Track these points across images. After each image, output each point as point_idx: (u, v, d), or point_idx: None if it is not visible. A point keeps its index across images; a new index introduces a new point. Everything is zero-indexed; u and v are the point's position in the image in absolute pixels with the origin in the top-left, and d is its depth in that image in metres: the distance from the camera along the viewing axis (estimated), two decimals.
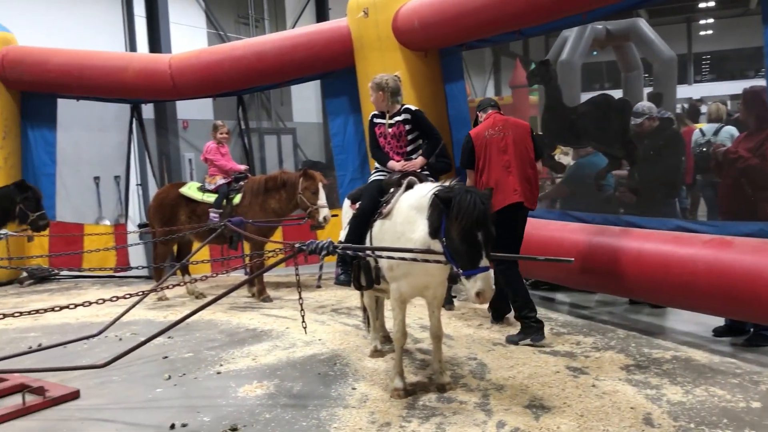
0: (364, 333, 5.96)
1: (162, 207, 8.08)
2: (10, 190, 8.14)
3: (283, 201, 7.72)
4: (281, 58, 9.00)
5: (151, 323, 6.92)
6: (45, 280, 9.98)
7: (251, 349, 5.83)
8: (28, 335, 6.73)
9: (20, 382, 5.01)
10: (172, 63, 9.36)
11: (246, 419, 4.23)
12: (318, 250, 4.34)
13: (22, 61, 9.66)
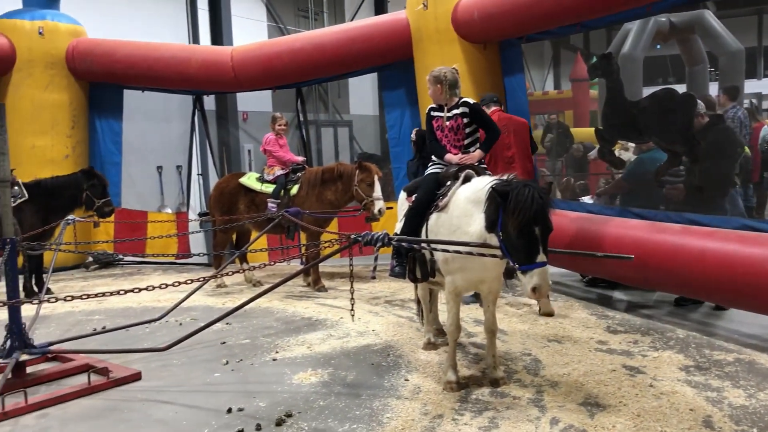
0: (418, 325, 5.99)
1: (222, 196, 8.26)
2: (77, 177, 8.41)
3: (339, 192, 7.79)
4: (340, 50, 9.08)
5: (210, 309, 7.10)
6: (109, 265, 10.33)
7: (306, 337, 5.92)
8: (93, 318, 6.99)
9: (86, 362, 5.21)
10: (233, 55, 9.53)
11: (301, 406, 4.30)
12: (373, 242, 4.37)
13: (90, 53, 9.98)
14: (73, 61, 9.99)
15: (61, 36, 9.99)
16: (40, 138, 9.78)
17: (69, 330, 6.52)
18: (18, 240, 5.12)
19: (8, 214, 5.05)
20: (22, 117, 9.50)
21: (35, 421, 4.27)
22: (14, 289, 4.93)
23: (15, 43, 9.67)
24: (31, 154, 9.62)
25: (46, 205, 8.06)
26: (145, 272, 9.78)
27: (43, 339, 5.51)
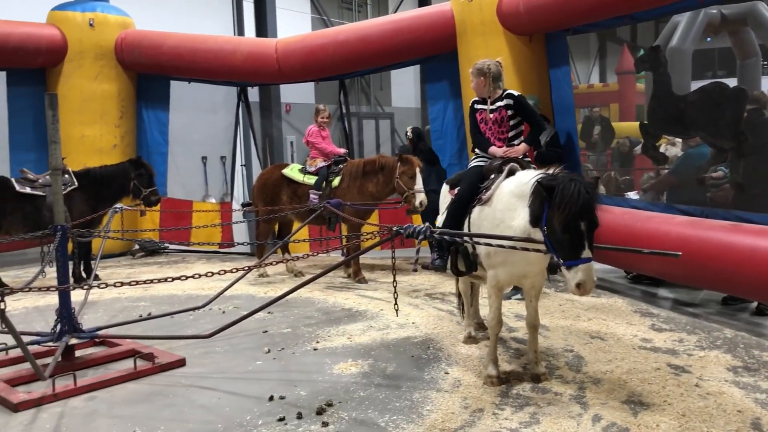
0: (458, 319, 5.97)
1: (265, 187, 8.35)
2: (125, 167, 8.60)
3: (381, 185, 7.80)
4: (384, 42, 9.07)
5: (253, 298, 7.19)
6: (155, 253, 10.53)
7: (346, 328, 5.95)
8: (139, 304, 7.14)
9: (132, 347, 5.33)
10: (278, 47, 9.60)
11: (341, 396, 4.33)
12: (415, 234, 4.36)
13: (138, 44, 10.16)
14: (121, 53, 10.18)
15: (110, 27, 10.19)
16: (90, 128, 10.01)
17: (116, 316, 6.68)
18: (68, 227, 5.25)
19: (59, 201, 5.19)
20: (72, 107, 9.73)
21: (84, 404, 4.38)
22: (65, 275, 5.06)
23: (66, 35, 9.90)
24: (81, 144, 9.85)
25: (95, 193, 8.27)
26: (189, 260, 9.94)
27: (91, 324, 5.67)
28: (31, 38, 9.55)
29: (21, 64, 9.71)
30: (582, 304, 6.42)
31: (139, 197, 8.59)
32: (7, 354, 5.21)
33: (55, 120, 5.04)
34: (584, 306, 6.36)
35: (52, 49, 9.76)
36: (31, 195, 8.05)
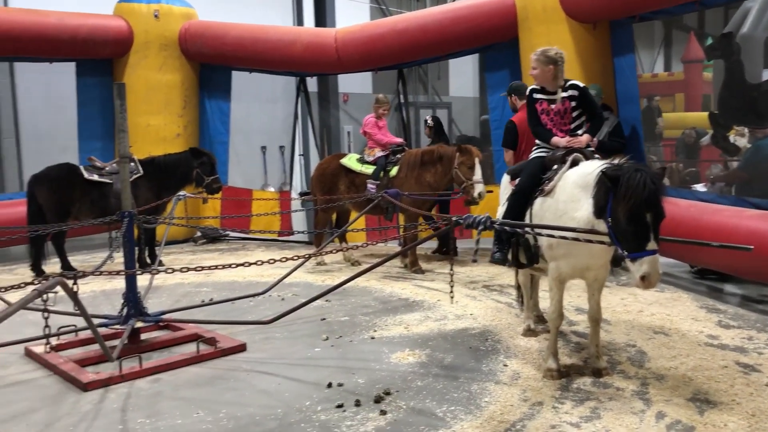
0: (517, 311, 5.91)
1: (323, 177, 8.41)
2: (188, 156, 8.80)
3: (439, 175, 7.76)
4: (443, 30, 9.01)
5: (311, 286, 7.27)
6: (216, 240, 10.75)
7: (403, 317, 5.96)
8: (201, 290, 7.30)
9: (195, 331, 5.46)
10: (337, 37, 9.64)
11: (399, 385, 4.34)
12: (475, 225, 4.32)
13: (202, 35, 10.34)
14: (185, 43, 10.38)
15: (174, 18, 10.40)
16: (154, 117, 10.25)
17: (179, 300, 6.85)
18: (135, 214, 5.40)
19: (127, 188, 5.34)
20: (138, 97, 9.98)
21: (149, 385, 4.51)
22: (131, 260, 5.22)
23: (132, 26, 10.15)
24: (146, 133, 10.10)
25: (159, 181, 8.49)
26: (249, 248, 10.11)
27: (156, 308, 5.81)
28: (99, 30, 9.83)
29: (89, 54, 10.01)
30: (645, 298, 6.27)
31: (202, 185, 8.77)
32: (76, 335, 5.40)
33: (123, 109, 5.17)
34: (647, 300, 6.21)
35: (119, 40, 10.03)
36: (99, 182, 8.32)
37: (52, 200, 8.12)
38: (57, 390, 4.47)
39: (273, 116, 13.37)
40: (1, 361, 5.03)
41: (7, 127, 11.34)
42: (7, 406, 4.21)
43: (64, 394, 4.39)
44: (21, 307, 2.92)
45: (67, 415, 4.05)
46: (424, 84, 19.67)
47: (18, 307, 2.85)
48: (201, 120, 10.87)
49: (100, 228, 8.92)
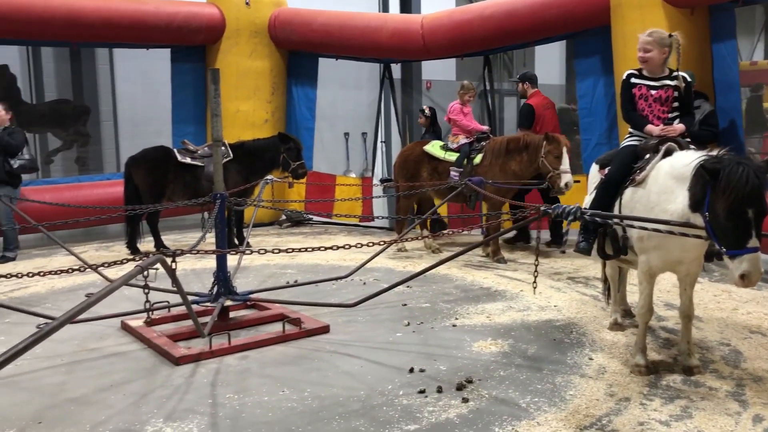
0: (603, 304, 5.77)
1: (406, 163, 8.43)
2: (275, 141, 9.01)
3: (524, 163, 7.64)
4: (532, 16, 8.82)
5: (391, 271, 7.32)
6: (300, 223, 10.96)
7: (485, 306, 5.92)
8: (286, 271, 7.47)
9: (280, 312, 5.60)
10: (424, 23, 9.60)
11: (481, 373, 4.33)
12: (564, 215, 4.23)
13: (290, 22, 10.52)
14: (274, 30, 10.58)
15: (264, 6, 10.62)
16: (244, 103, 10.52)
17: (265, 281, 7.04)
18: (226, 196, 5.57)
19: (220, 171, 5.51)
20: (229, 83, 10.23)
21: (237, 362, 4.67)
22: (223, 240, 5.39)
23: (225, 13, 10.41)
24: (235, 118, 10.38)
25: (248, 165, 8.73)
26: (331, 232, 10.26)
27: (243, 288, 6.00)
28: (193, 17, 10.14)
29: (184, 41, 10.35)
30: (740, 296, 6.00)
31: (288, 170, 8.97)
32: (168, 311, 5.64)
33: (217, 94, 5.33)
34: (742, 298, 5.94)
35: (211, 27, 10.32)
36: (191, 165, 8.62)
37: (148, 181, 8.48)
38: (151, 363, 4.69)
39: (357, 103, 13.49)
40: (100, 333, 5.31)
41: (106, 111, 11.91)
42: (106, 376, 4.45)
43: (157, 367, 4.60)
44: (124, 282, 3.07)
45: (160, 387, 4.24)
46: (509, 71, 19.34)
47: (122, 283, 3.00)
48: (288, 106, 11.07)
49: (191, 209, 9.26)
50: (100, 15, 9.36)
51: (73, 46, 10.40)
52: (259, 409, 3.87)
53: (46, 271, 4.66)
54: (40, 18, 8.88)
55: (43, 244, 9.11)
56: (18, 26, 8.88)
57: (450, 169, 8.00)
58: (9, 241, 8.35)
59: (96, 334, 5.25)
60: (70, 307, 2.67)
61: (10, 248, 8.36)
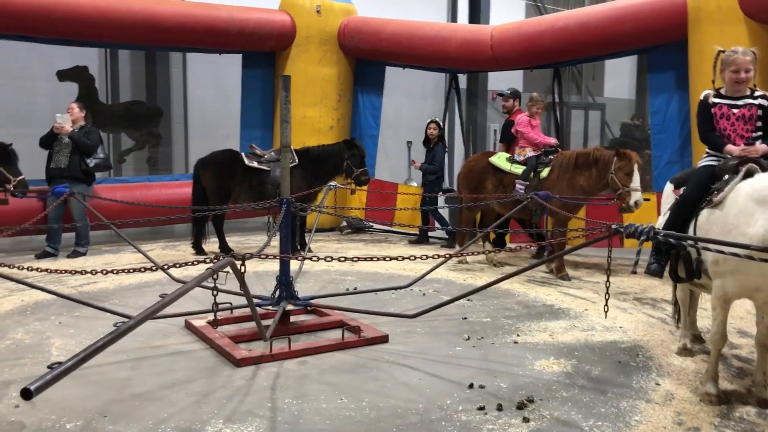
0: (671, 328, 5.58)
1: (470, 174, 8.35)
2: (340, 147, 9.08)
3: (593, 179, 7.47)
4: (606, 29, 8.66)
5: (452, 284, 7.26)
6: (360, 230, 11.00)
7: (548, 324, 5.80)
8: (346, 278, 7.49)
9: (340, 318, 5.61)
10: (493, 34, 9.53)
11: (542, 393, 4.23)
12: (637, 234, 4.11)
13: (360, 31, 10.59)
14: (343, 38, 10.67)
15: (335, 14, 10.73)
16: (311, 109, 10.63)
17: (325, 287, 7.07)
18: (292, 200, 5.62)
19: (287, 176, 5.57)
20: (297, 89, 10.31)
21: (296, 366, 4.69)
22: (287, 245, 5.44)
23: (295, 21, 10.56)
24: (302, 124, 10.49)
25: (312, 170, 8.82)
26: (391, 241, 10.25)
27: (304, 293, 6.04)
28: (265, 23, 10.32)
29: (255, 47, 10.54)
30: None
31: (351, 176, 9.02)
32: (231, 313, 5.71)
33: (287, 100, 5.40)
34: None
35: (282, 34, 10.48)
36: (257, 169, 8.77)
37: (215, 184, 8.65)
38: (213, 363, 4.75)
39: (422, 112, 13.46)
40: (164, 330, 5.42)
41: (177, 113, 12.23)
42: (169, 373, 4.53)
43: (219, 367, 4.66)
44: (197, 284, 3.13)
45: (221, 387, 4.29)
46: (577, 84, 19.03)
47: (194, 284, 3.05)
48: (353, 113, 11.15)
49: (255, 212, 9.40)
50: (177, 20, 9.63)
51: (150, 50, 10.73)
52: (317, 416, 3.87)
53: (117, 269, 4.80)
54: (120, 22, 9.20)
55: (113, 240, 9.39)
56: (100, 29, 9.22)
57: (516, 182, 7.89)
58: (80, 237, 8.64)
59: (160, 332, 5.36)
60: (137, 303, 2.74)
61: (82, 244, 8.65)
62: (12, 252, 8.90)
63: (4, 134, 9.58)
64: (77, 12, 8.94)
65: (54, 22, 8.86)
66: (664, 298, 6.40)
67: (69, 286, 6.90)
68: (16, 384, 4.31)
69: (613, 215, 8.00)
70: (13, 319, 5.79)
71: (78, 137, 8.44)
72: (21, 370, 4.56)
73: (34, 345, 5.11)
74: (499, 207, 8.02)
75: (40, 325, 5.63)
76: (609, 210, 7.98)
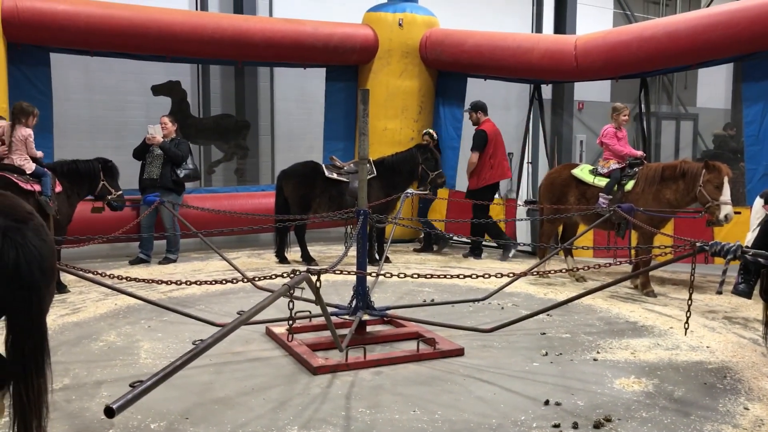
0: (763, 350, 5.30)
1: (553, 186, 8.21)
2: (413, 152, 9.17)
3: (680, 192, 7.20)
4: (696, 38, 8.33)
5: (531, 298, 7.15)
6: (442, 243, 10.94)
7: (630, 342, 5.63)
8: (423, 289, 7.50)
9: (415, 330, 5.63)
10: (577, 44, 9.36)
11: (621, 413, 4.11)
12: (723, 253, 3.95)
13: (441, 42, 10.61)
14: (425, 51, 10.72)
15: (417, 27, 10.79)
16: (391, 121, 10.73)
17: (402, 297, 7.11)
18: (369, 211, 5.70)
19: (364, 188, 5.65)
20: (378, 102, 10.51)
21: (371, 377, 4.74)
22: (364, 257, 5.51)
23: (378, 34, 10.69)
24: (382, 136, 10.61)
25: (389, 180, 8.95)
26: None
27: (380, 303, 6.09)
28: (349, 38, 10.50)
29: (338, 61, 10.74)
30: None
31: (426, 181, 9.08)
32: (309, 321, 5.84)
33: (365, 113, 5.49)
34: None
35: (365, 47, 10.63)
36: (337, 180, 8.93)
37: (296, 195, 8.88)
38: (291, 370, 4.87)
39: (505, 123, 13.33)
40: (246, 337, 5.59)
41: (264, 126, 12.61)
42: (249, 379, 4.67)
43: (296, 375, 4.77)
44: (273, 300, 3.29)
45: (298, 395, 4.39)
46: (668, 93, 18.44)
47: (271, 301, 3.22)
48: (434, 125, 11.17)
49: (335, 222, 9.56)
50: (264, 36, 9.94)
51: (239, 65, 11.11)
52: (389, 427, 3.90)
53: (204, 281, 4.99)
54: (210, 38, 9.57)
55: (201, 248, 9.75)
56: (191, 46, 9.62)
57: (599, 194, 7.69)
58: (171, 244, 9.03)
59: (242, 338, 5.53)
60: (221, 309, 2.86)
61: (172, 251, 9.04)
62: (108, 257, 9.41)
63: (101, 146, 10.19)
64: (169, 29, 9.37)
65: (148, 39, 9.32)
66: (757, 317, 6.09)
67: (159, 292, 7.22)
68: (107, 384, 4.56)
69: (701, 229, 7.70)
70: (106, 322, 6.11)
71: (168, 147, 8.84)
72: (111, 371, 4.82)
73: (124, 347, 5.38)
74: (582, 220, 7.85)
75: (131, 328, 5.92)
76: (698, 223, 7.67)
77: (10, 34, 8.53)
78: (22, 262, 3.13)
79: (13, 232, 3.15)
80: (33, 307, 3.22)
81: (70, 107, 10.68)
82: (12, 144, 7.16)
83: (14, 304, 3.16)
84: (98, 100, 11.21)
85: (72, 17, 8.83)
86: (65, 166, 7.55)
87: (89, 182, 7.66)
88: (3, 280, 3.12)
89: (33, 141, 7.26)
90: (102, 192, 7.71)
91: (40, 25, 8.65)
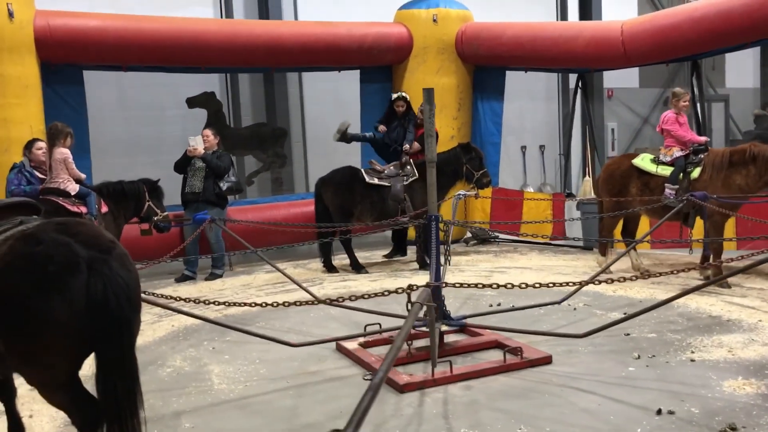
0: None
1: (612, 179, 7.88)
2: (457, 152, 8.92)
3: (752, 177, 6.88)
4: (750, 16, 8.01)
5: (602, 296, 6.85)
6: (486, 241, 10.69)
7: (722, 339, 5.31)
8: (485, 293, 7.15)
9: (494, 338, 5.35)
10: (624, 29, 9.04)
11: (742, 419, 3.81)
12: None
13: (477, 36, 10.32)
14: (461, 46, 10.42)
15: (451, 22, 10.50)
16: None
17: (465, 303, 6.83)
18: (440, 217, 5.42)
19: (433, 192, 5.37)
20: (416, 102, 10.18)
21: (462, 392, 4.46)
22: (437, 263, 5.24)
23: (412, 32, 10.42)
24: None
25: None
26: (521, 251, 9.87)
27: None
28: (382, 37, 10.24)
29: (373, 62, 10.47)
30: None
31: (472, 180, 8.82)
32: (381, 334, 5.56)
33: (431, 114, 5.23)
34: None
35: (400, 46, 10.35)
36: (378, 185, 8.68)
37: (336, 202, 8.66)
38: None
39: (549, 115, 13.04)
40: (317, 354, 5.32)
41: (296, 132, 12.36)
42: (333, 401, 4.41)
43: (383, 394, 4.47)
44: (413, 323, 3.10)
45: (391, 416, 4.13)
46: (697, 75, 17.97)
47: (411, 324, 3.05)
48: (473, 121, 10.89)
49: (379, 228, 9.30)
50: (298, 40, 9.70)
51: (272, 71, 10.87)
52: None
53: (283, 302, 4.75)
54: (244, 46, 9.36)
55: (244, 261, 9.52)
56: (225, 55, 9.42)
57: (664, 184, 7.36)
58: (217, 260, 8.80)
59: (314, 356, 5.27)
60: (283, 325, 2.67)
61: (218, 266, 8.81)
62: (151, 276, 9.16)
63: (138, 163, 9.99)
64: (203, 39, 9.17)
65: (181, 51, 9.12)
66: None
67: (214, 309, 6.98)
68: (186, 414, 4.33)
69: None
70: (168, 345, 5.89)
71: (210, 159, 8.62)
72: (188, 400, 4.58)
73: (194, 373, 5.14)
74: (647, 213, 7.53)
75: (195, 351, 5.68)
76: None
77: (44, 53, 8.36)
78: (110, 295, 2.94)
79: (99, 264, 2.96)
80: (124, 340, 3.02)
81: (105, 125, 10.50)
82: (52, 167, 6.98)
83: (104, 339, 2.96)
84: (133, 116, 11.03)
85: (103, 33, 8.67)
86: (110, 187, 7.37)
87: (135, 203, 7.48)
88: (92, 314, 2.92)
89: (72, 161, 7.08)
90: (148, 213, 7.53)
91: (73, 43, 8.50)
